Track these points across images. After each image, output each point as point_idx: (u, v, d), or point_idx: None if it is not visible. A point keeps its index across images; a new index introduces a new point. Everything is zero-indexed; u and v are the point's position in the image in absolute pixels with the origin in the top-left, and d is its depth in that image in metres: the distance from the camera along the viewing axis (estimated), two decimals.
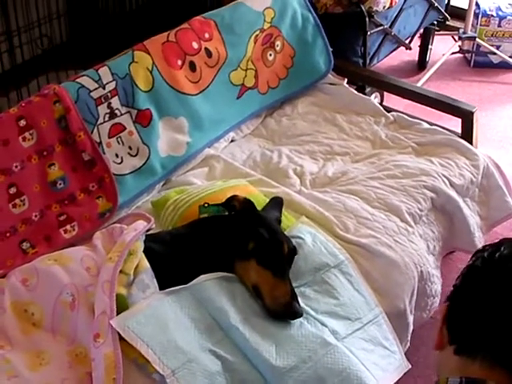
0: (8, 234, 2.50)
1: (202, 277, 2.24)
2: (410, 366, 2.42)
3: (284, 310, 2.19)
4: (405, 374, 2.38)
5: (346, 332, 2.28)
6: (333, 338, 2.22)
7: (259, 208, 2.50)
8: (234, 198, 2.46)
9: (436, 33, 5.36)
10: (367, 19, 4.16)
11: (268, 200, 2.66)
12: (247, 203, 2.43)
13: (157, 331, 2.06)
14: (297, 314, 2.20)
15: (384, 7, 4.24)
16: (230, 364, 2.07)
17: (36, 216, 2.57)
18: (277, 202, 2.62)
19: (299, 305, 2.21)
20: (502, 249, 1.37)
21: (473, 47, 5.45)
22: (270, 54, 3.41)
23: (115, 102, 2.80)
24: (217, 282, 2.24)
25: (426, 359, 3.04)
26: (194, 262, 2.31)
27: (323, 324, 2.25)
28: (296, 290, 2.29)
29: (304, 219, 2.64)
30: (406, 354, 2.49)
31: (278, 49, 3.44)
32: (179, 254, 2.33)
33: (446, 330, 1.40)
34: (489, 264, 1.36)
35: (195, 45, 3.10)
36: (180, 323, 2.11)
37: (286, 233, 2.48)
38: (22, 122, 2.55)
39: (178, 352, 2.02)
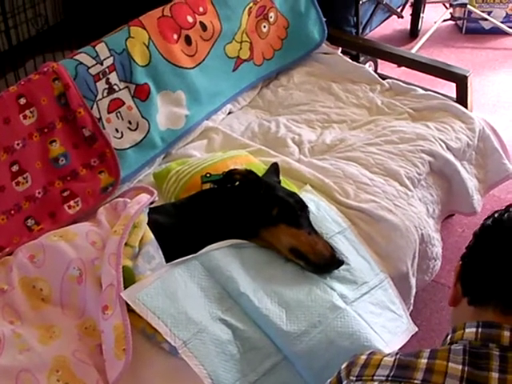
0: (12, 212, 2.51)
1: (211, 246, 2.25)
2: (417, 329, 2.46)
3: (331, 262, 2.27)
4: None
5: (355, 296, 2.30)
6: (342, 302, 2.23)
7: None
8: (233, 171, 2.47)
9: (427, 1, 5.38)
10: None
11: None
12: (250, 173, 2.44)
13: (167, 303, 2.07)
14: (342, 261, 2.29)
15: None
16: (240, 332, 2.09)
17: (39, 193, 2.59)
18: (273, 169, 2.64)
19: (338, 253, 2.30)
20: (511, 210, 1.51)
21: (464, 14, 5.47)
22: (264, 26, 3.42)
23: (113, 78, 2.81)
24: (226, 251, 2.26)
25: (429, 322, 3.08)
26: (198, 233, 2.32)
27: (332, 288, 2.26)
28: None
29: (308, 187, 2.65)
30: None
31: (271, 20, 3.45)
32: (183, 226, 2.34)
33: (460, 286, 1.54)
34: (498, 222, 1.50)
35: (190, 19, 3.11)
36: (190, 293, 2.12)
37: None
38: (22, 100, 2.56)
39: (189, 323, 2.04)
